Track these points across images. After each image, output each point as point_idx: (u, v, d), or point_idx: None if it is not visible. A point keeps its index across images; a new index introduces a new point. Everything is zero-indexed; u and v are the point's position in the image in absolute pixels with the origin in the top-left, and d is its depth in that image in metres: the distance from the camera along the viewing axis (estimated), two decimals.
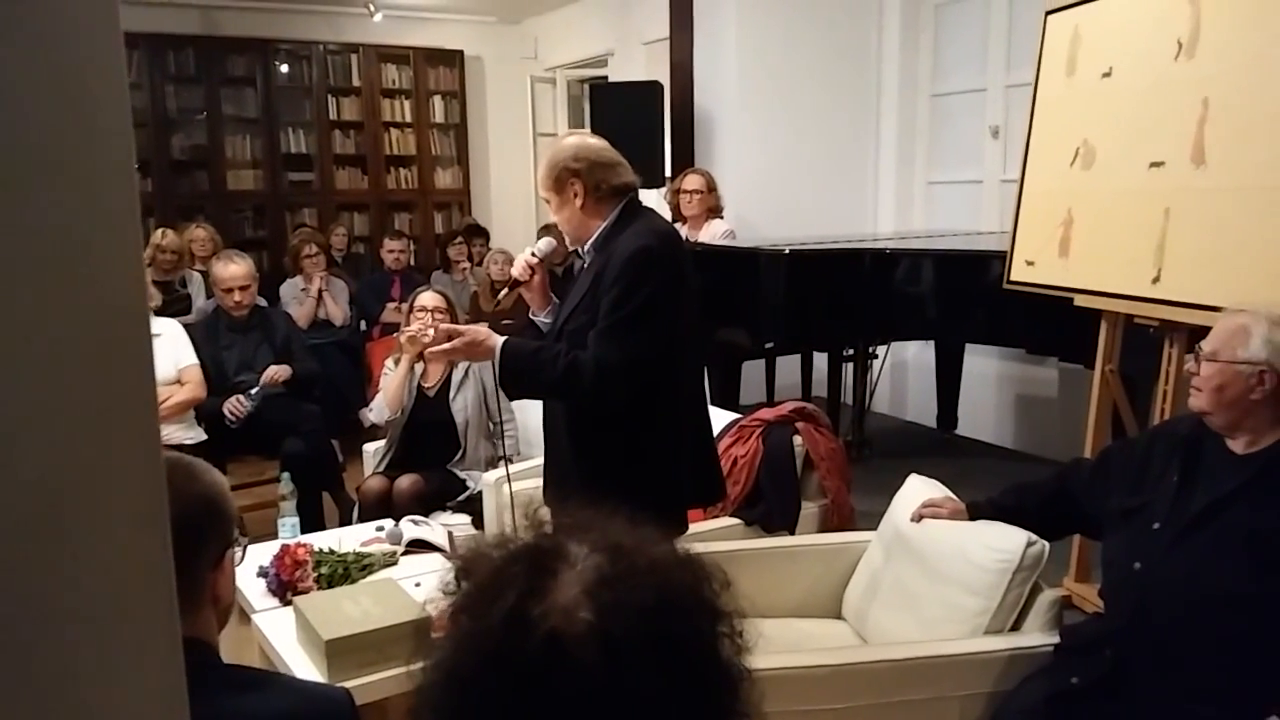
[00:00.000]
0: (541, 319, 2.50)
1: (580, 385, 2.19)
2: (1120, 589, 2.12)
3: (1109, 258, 2.95)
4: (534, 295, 2.48)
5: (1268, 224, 2.40)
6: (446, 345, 2.27)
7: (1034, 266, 3.28)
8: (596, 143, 2.34)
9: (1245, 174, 2.48)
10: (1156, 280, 2.75)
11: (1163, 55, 2.74)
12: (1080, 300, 3.06)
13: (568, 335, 2.31)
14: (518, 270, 2.44)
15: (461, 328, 2.34)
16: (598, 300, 2.23)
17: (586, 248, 2.35)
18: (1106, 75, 2.99)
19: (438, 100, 8.73)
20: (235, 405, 4.00)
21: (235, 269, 4.16)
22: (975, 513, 2.41)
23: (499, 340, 2.25)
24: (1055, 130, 3.21)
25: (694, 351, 2.45)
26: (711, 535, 3.00)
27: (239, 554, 1.35)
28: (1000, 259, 3.50)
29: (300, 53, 8.14)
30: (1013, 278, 3.39)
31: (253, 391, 4.03)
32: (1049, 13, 3.28)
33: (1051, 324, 3.37)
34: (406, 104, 8.59)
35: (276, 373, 4.08)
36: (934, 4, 5.67)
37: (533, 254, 2.44)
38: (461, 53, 8.75)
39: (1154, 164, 2.76)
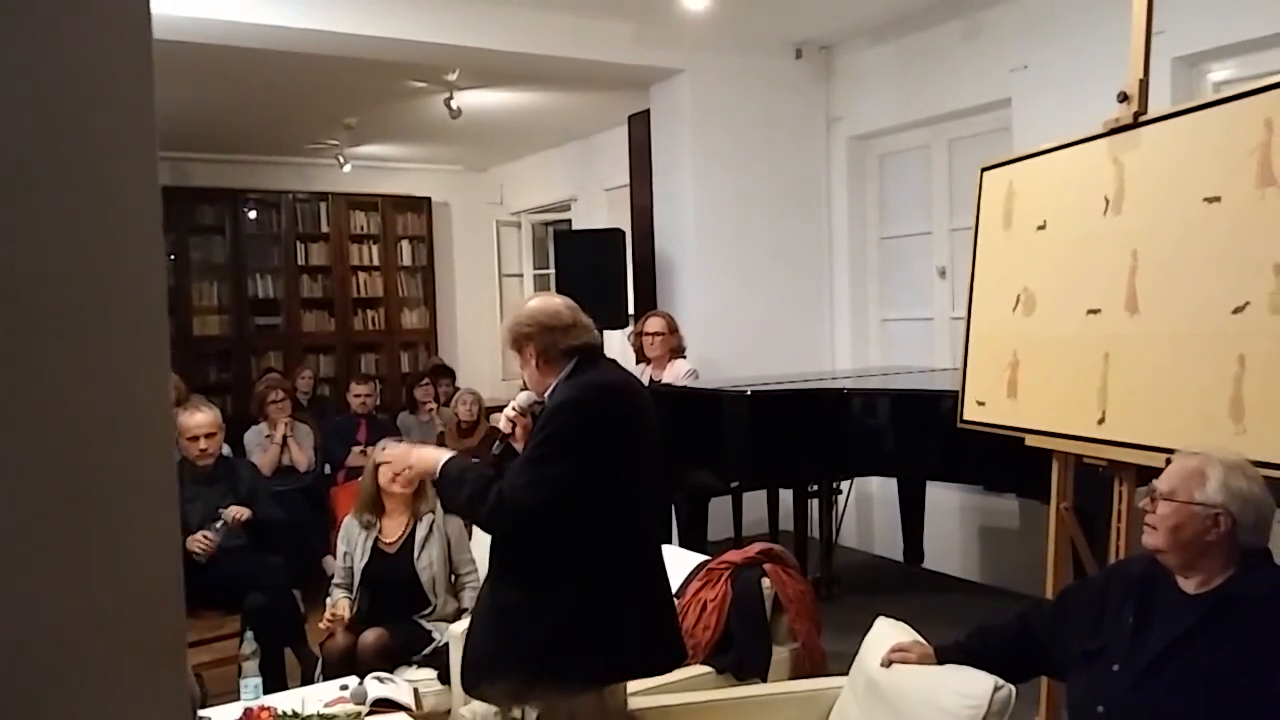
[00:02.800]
0: None
1: (483, 507, 2.32)
2: None
3: (1055, 399, 3.06)
4: (520, 444, 2.57)
5: (1200, 369, 2.53)
6: (410, 471, 2.52)
7: (985, 406, 3.39)
8: (552, 307, 2.47)
9: (1176, 321, 2.62)
10: (1102, 421, 2.86)
11: (1092, 210, 2.92)
12: (1030, 440, 3.16)
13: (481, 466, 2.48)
14: (502, 425, 2.57)
15: (414, 454, 2.54)
16: None
17: (545, 398, 2.47)
18: (1041, 228, 3.17)
19: (405, 244, 8.96)
20: (201, 540, 3.90)
21: (201, 417, 4.15)
22: (943, 656, 2.42)
23: (445, 457, 2.45)
24: (996, 278, 3.38)
25: (645, 500, 2.48)
26: (683, 684, 2.96)
27: None
28: (953, 397, 3.61)
29: (270, 201, 8.36)
30: (966, 417, 3.49)
31: (217, 525, 3.96)
32: (984, 169, 3.49)
33: (1007, 461, 3.46)
34: (374, 248, 8.80)
35: (238, 513, 4.02)
36: (878, 154, 5.99)
37: (514, 407, 2.56)
38: (429, 199, 9.03)
39: (1091, 311, 2.91)
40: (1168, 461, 2.20)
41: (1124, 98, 2.78)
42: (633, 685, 2.60)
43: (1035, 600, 2.80)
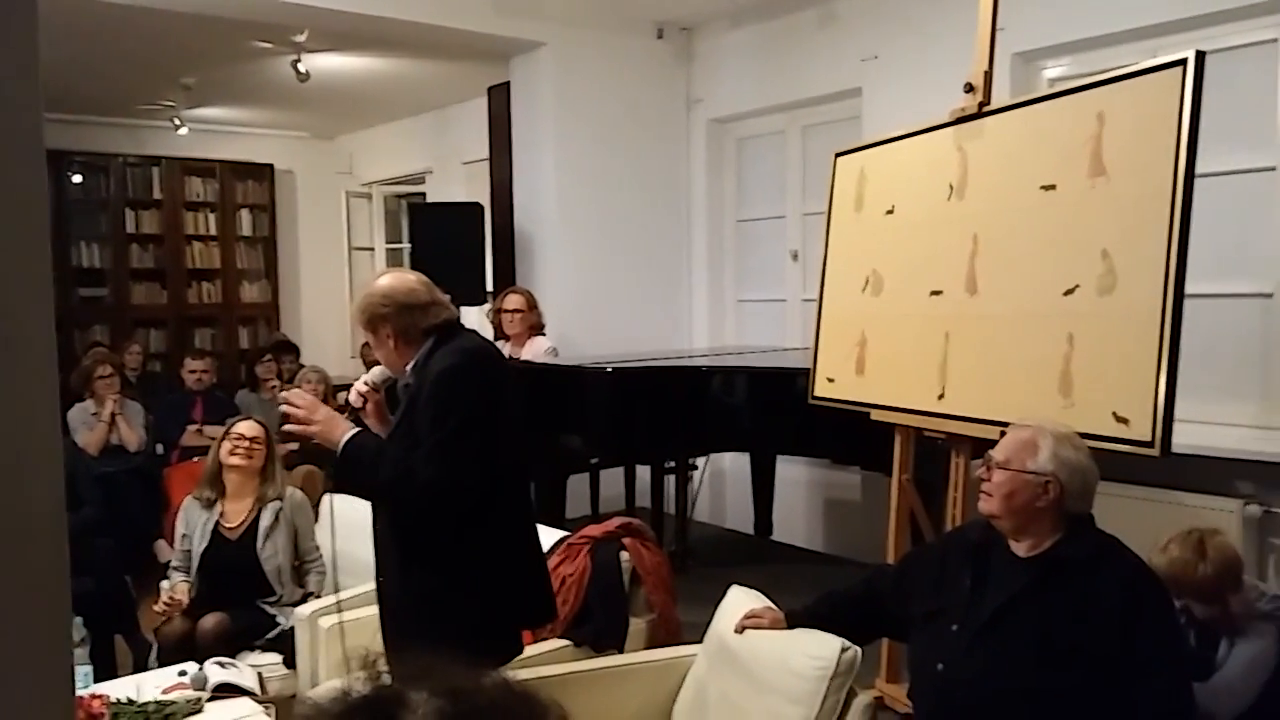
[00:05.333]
0: None
1: (408, 494, 2.22)
2: (926, 689, 2.26)
3: (899, 376, 3.21)
4: (371, 421, 2.49)
5: (1034, 347, 2.70)
6: (311, 427, 2.28)
7: (834, 383, 3.53)
8: (407, 284, 2.39)
9: (1012, 302, 2.79)
10: (942, 397, 3.02)
11: (937, 196, 3.07)
12: (876, 415, 3.30)
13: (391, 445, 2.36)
14: (352, 398, 2.47)
15: (320, 411, 2.33)
16: (415, 424, 2.28)
17: (406, 373, 2.40)
18: (890, 212, 3.31)
19: (245, 213, 8.55)
20: None
21: None
22: (793, 621, 2.50)
23: (352, 429, 2.28)
24: (847, 259, 3.51)
25: (518, 469, 2.49)
26: (541, 659, 2.96)
27: None
28: (805, 375, 3.73)
29: (97, 164, 7.80)
30: (816, 393, 3.62)
31: None
32: (838, 155, 3.62)
33: (854, 436, 3.60)
34: (212, 217, 8.35)
35: None
36: (736, 138, 6.10)
37: (365, 382, 2.47)
38: (272, 166, 8.63)
39: (934, 292, 3.06)
40: (1002, 433, 2.33)
41: (969, 89, 2.93)
42: None
43: (879, 566, 2.93)
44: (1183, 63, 2.29)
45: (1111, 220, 2.46)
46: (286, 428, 2.35)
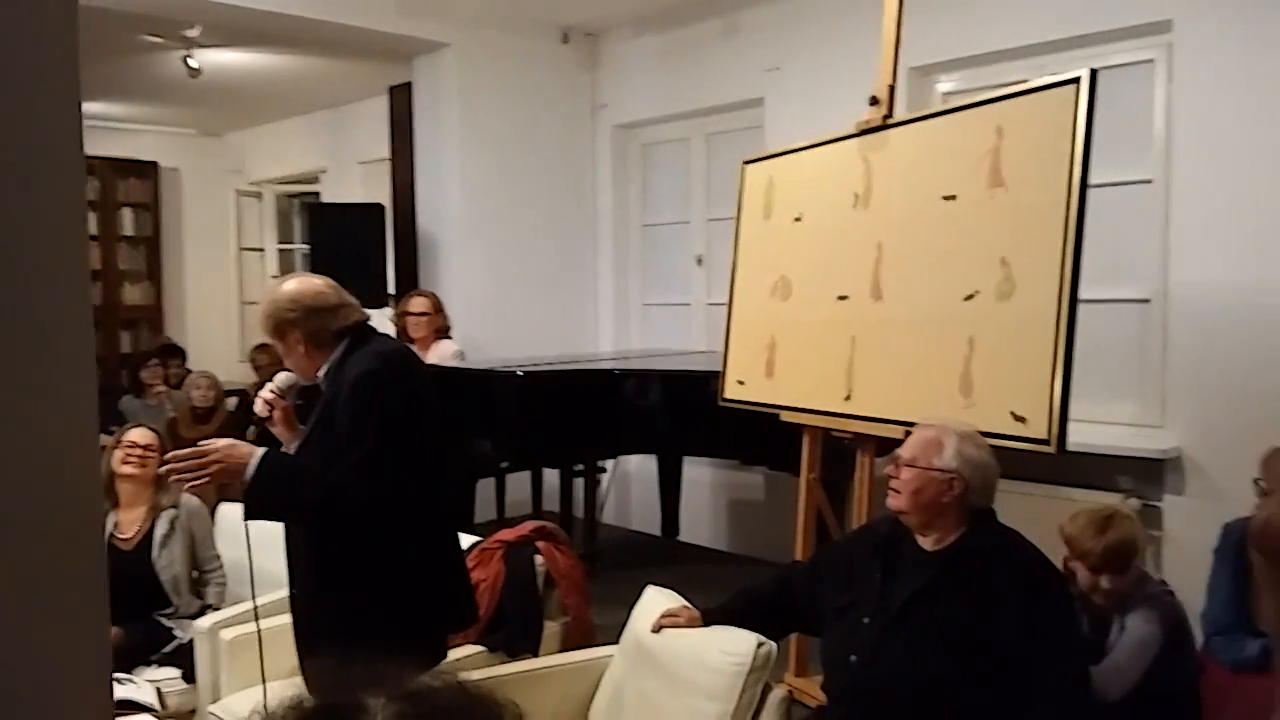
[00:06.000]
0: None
1: (342, 511, 2.16)
2: (839, 681, 2.33)
3: (807, 378, 3.30)
4: (280, 430, 2.42)
5: (936, 350, 2.81)
6: (206, 474, 2.13)
7: (744, 385, 3.60)
8: (314, 288, 2.33)
9: (915, 307, 2.91)
10: (848, 398, 3.12)
11: (843, 204, 3.17)
12: (785, 416, 3.39)
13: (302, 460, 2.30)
14: (258, 407, 2.38)
15: (208, 444, 2.17)
16: (331, 431, 2.23)
17: (320, 378, 2.34)
18: (798, 219, 3.40)
19: (127, 212, 8.21)
20: None
21: None
22: (709, 619, 2.54)
23: (257, 454, 2.14)
24: (757, 265, 3.59)
25: (439, 472, 2.44)
26: (456, 665, 2.94)
27: None
28: (715, 378, 3.80)
29: None
30: (726, 395, 3.69)
31: None
32: (746, 162, 3.70)
33: (762, 437, 3.69)
34: (91, 216, 7.98)
35: None
36: (641, 144, 6.16)
37: (271, 390, 2.39)
38: (156, 164, 8.31)
39: (840, 297, 3.16)
40: (907, 433, 2.43)
41: (874, 101, 3.04)
42: None
43: (792, 562, 3.01)
44: (1077, 80, 2.43)
45: (1009, 229, 2.59)
46: (174, 479, 2.20)
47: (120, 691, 2.82)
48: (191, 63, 5.51)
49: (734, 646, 2.39)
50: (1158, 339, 3.86)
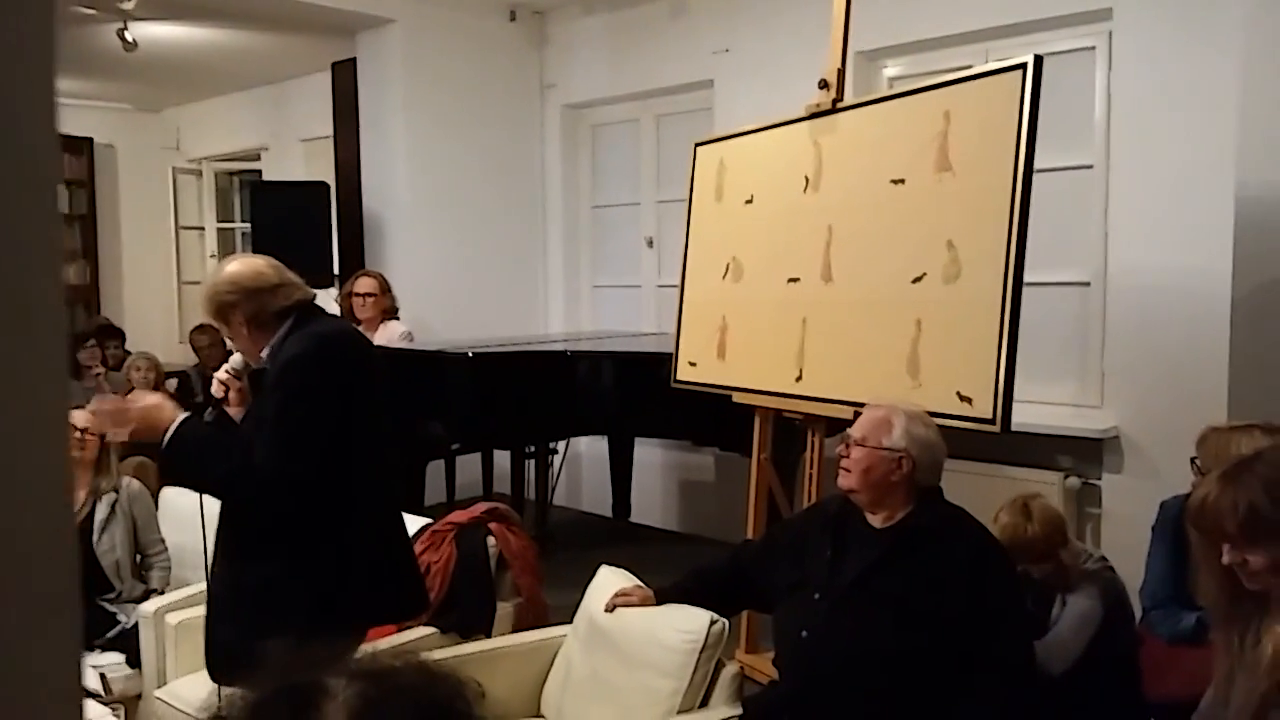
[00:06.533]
0: None
1: (244, 488, 2.15)
2: (791, 656, 2.37)
3: (759, 360, 3.34)
4: (235, 410, 2.39)
5: (885, 332, 2.86)
6: (125, 428, 2.17)
7: (696, 367, 3.62)
8: (254, 268, 2.30)
9: (864, 290, 2.95)
10: (799, 379, 3.15)
11: (793, 188, 3.20)
12: (737, 397, 3.42)
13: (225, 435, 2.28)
14: (214, 389, 2.35)
15: (129, 402, 2.20)
16: (263, 409, 2.22)
17: (263, 359, 2.32)
18: (749, 202, 3.42)
19: (61, 189, 7.93)
20: None
21: None
22: (662, 598, 2.57)
23: (179, 418, 2.16)
24: (708, 247, 3.61)
25: (379, 456, 2.41)
26: (408, 647, 2.93)
27: None
28: (666, 359, 3.82)
29: None
30: (679, 377, 3.71)
31: None
32: (698, 144, 3.71)
33: (713, 418, 3.72)
34: None
35: None
36: (591, 124, 6.13)
37: (227, 369, 2.36)
38: (91, 140, 8.07)
39: (791, 279, 3.19)
40: (856, 413, 2.47)
41: (824, 85, 3.06)
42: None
43: (744, 541, 3.05)
44: (1023, 66, 2.47)
45: (956, 213, 2.63)
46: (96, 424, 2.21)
47: None
48: (127, 36, 5.35)
49: (687, 624, 2.43)
50: (1097, 321, 3.96)
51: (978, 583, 2.17)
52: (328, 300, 5.34)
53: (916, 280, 2.74)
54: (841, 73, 3.06)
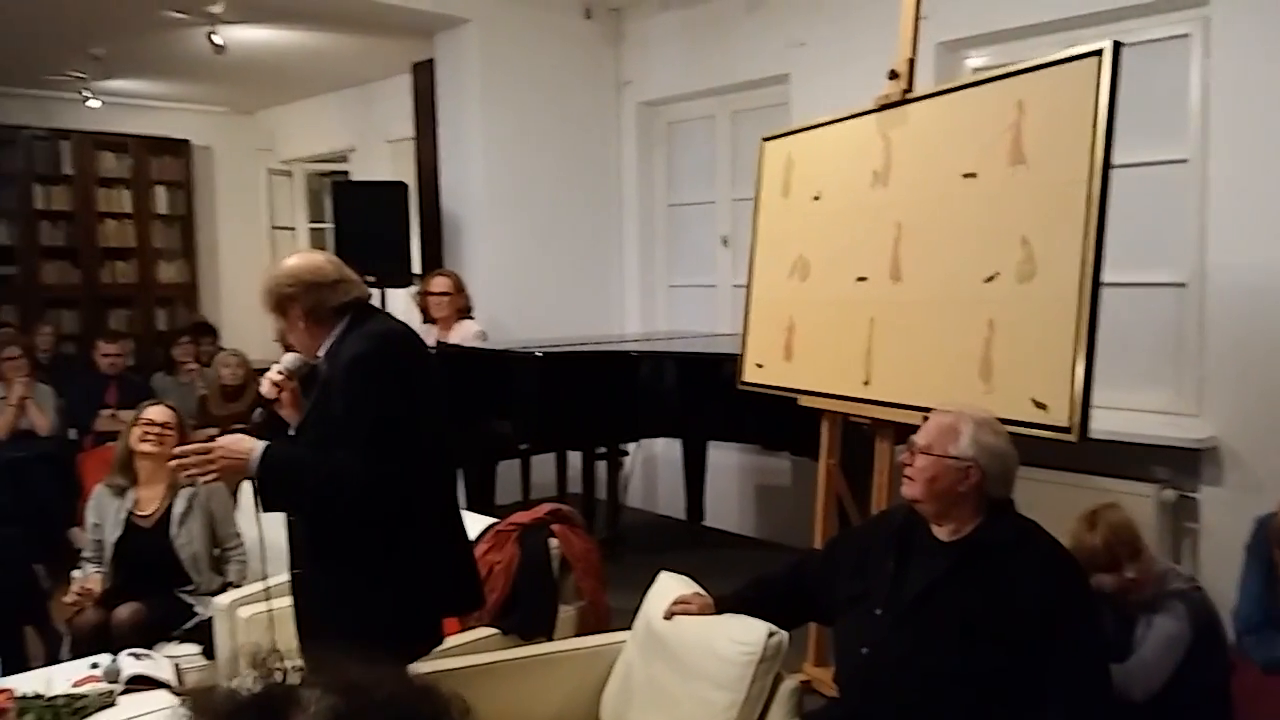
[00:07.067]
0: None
1: (343, 499, 2.15)
2: (851, 673, 2.28)
3: (826, 362, 3.24)
4: (287, 411, 2.41)
5: (955, 333, 2.74)
6: (210, 471, 2.16)
7: (763, 369, 3.54)
8: (313, 263, 2.32)
9: (935, 289, 2.83)
10: (867, 383, 3.05)
11: (862, 183, 3.09)
12: (803, 400, 3.33)
13: (304, 446, 2.29)
14: (265, 389, 2.38)
15: (211, 445, 2.20)
16: (329, 411, 2.21)
17: (320, 357, 2.33)
18: (816, 198, 3.33)
19: (161, 190, 8.25)
20: None
21: None
22: (722, 606, 2.50)
23: (259, 449, 2.15)
24: (775, 245, 3.52)
25: (441, 454, 2.43)
26: (468, 647, 2.93)
27: None
28: (733, 360, 3.74)
29: (2, 137, 7.45)
30: (745, 379, 3.63)
31: None
32: (765, 139, 3.62)
33: (783, 421, 3.63)
34: (126, 194, 8.05)
35: None
36: (667, 122, 6.07)
37: (279, 371, 2.38)
38: (189, 142, 8.35)
39: (859, 278, 3.09)
40: (925, 419, 2.36)
41: (894, 75, 2.95)
42: None
43: (808, 551, 2.96)
44: (1099, 53, 2.33)
45: (1030, 208, 2.50)
46: (183, 475, 2.24)
47: (137, 667, 2.84)
48: (215, 39, 5.50)
49: (744, 635, 2.36)
50: (1194, 324, 3.73)
51: (1049, 602, 2.05)
52: (406, 299, 5.42)
53: (989, 279, 2.61)
54: (912, 62, 2.94)
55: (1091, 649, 2.10)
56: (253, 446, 2.15)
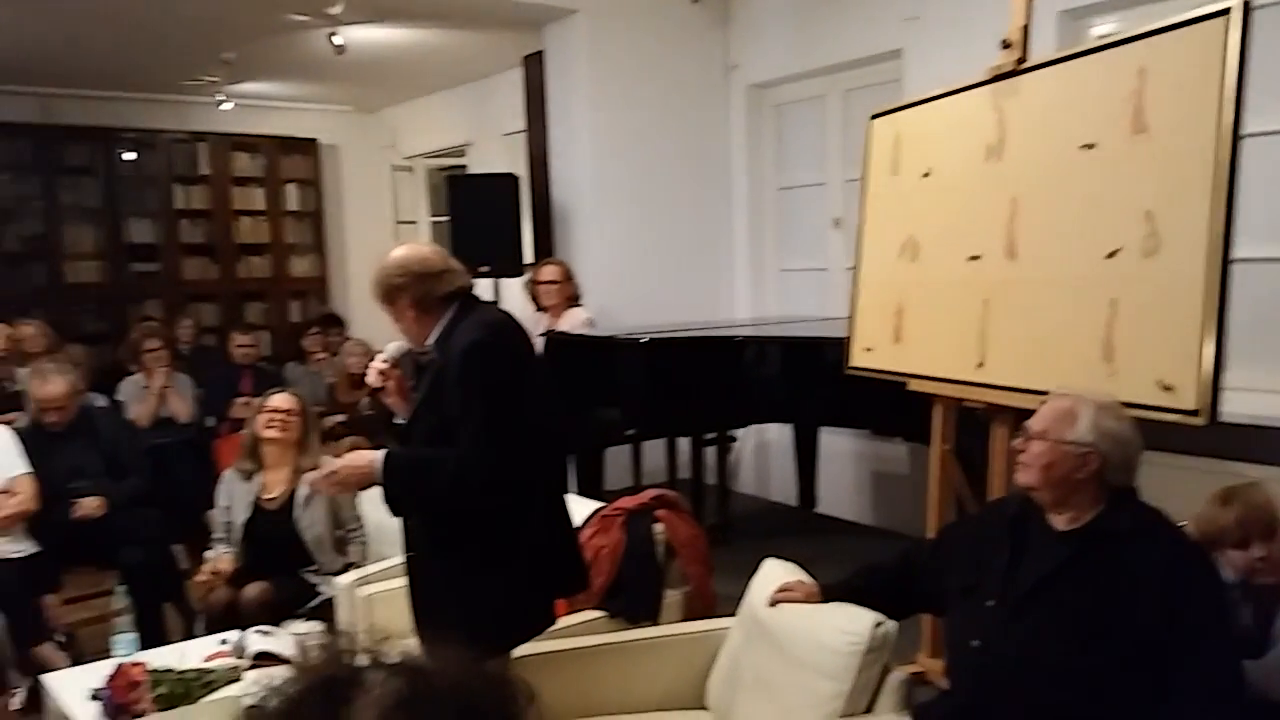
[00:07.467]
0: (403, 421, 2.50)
1: (470, 493, 2.21)
2: (961, 666, 2.21)
3: (937, 344, 3.13)
4: (393, 399, 2.48)
5: (1075, 313, 2.61)
6: (335, 484, 2.31)
7: (872, 352, 3.45)
8: (420, 254, 2.38)
9: (1053, 267, 2.69)
10: (981, 365, 2.93)
11: (974, 158, 2.97)
12: (913, 385, 3.23)
13: (417, 436, 2.34)
14: (371, 379, 2.45)
15: (336, 462, 2.33)
16: (441, 400, 2.26)
17: (429, 345, 2.38)
18: (926, 175, 3.21)
19: (292, 188, 8.61)
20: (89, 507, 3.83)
21: (51, 389, 3.90)
22: (828, 595, 2.46)
23: (379, 458, 2.24)
24: (884, 225, 3.42)
25: (548, 438, 2.47)
26: (574, 630, 2.96)
27: (15, 700, 1.25)
28: (842, 344, 3.66)
29: (145, 141, 7.92)
30: (853, 363, 3.55)
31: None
32: (873, 117, 3.52)
33: (894, 406, 3.53)
34: (259, 192, 8.43)
35: (89, 508, 3.85)
36: (775, 104, 5.98)
37: (383, 360, 2.44)
38: (316, 141, 8.68)
39: (972, 257, 2.97)
40: (1043, 403, 2.26)
41: (1006, 45, 2.82)
42: None
43: (917, 540, 2.87)
44: (1226, 12, 2.16)
45: (1154, 179, 2.35)
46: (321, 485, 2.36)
47: (263, 644, 2.97)
48: (336, 40, 5.69)
49: (851, 625, 2.31)
50: None
51: (1174, 594, 1.93)
52: (518, 288, 5.51)
53: (1111, 255, 2.47)
54: (1026, 30, 2.80)
55: (1222, 645, 1.97)
56: (373, 458, 2.25)
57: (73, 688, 2.74)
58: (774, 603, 2.51)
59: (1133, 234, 2.41)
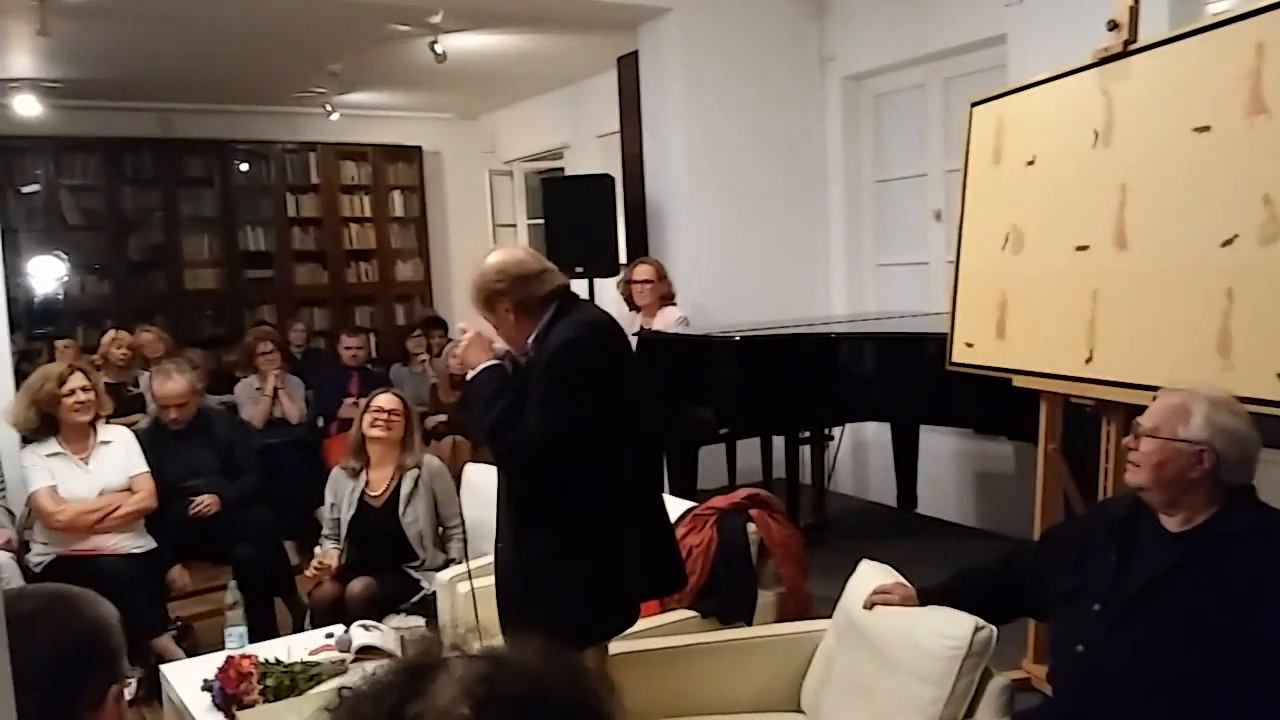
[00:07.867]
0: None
1: (506, 435, 2.29)
2: (1065, 672, 2.13)
3: (1043, 339, 3.02)
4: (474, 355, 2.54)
5: (1189, 304, 2.48)
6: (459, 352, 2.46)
7: (973, 348, 3.35)
8: (516, 257, 2.42)
9: (1165, 256, 2.57)
10: (1089, 360, 2.81)
11: (1081, 144, 2.85)
12: (1018, 381, 3.12)
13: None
14: (454, 365, 2.53)
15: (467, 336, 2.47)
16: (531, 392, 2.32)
17: (528, 346, 2.41)
18: (1030, 163, 3.10)
19: (397, 195, 8.86)
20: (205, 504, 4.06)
21: (173, 387, 4.13)
22: (925, 598, 2.40)
23: (487, 362, 2.39)
24: (986, 216, 3.31)
25: (643, 439, 2.48)
26: (667, 629, 2.97)
27: (129, 688, 1.30)
28: (941, 340, 3.56)
29: (258, 152, 8.25)
30: (954, 359, 3.45)
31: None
32: (974, 104, 3.41)
33: (997, 403, 3.42)
34: (366, 199, 8.70)
35: (205, 505, 4.03)
36: (873, 95, 5.86)
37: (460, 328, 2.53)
38: (420, 148, 8.90)
39: (1079, 247, 2.85)
40: (1154, 399, 2.16)
41: (1114, 25, 2.70)
42: None
43: (1020, 542, 2.78)
44: None
45: (1273, 162, 2.22)
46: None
47: (366, 638, 3.06)
48: (437, 48, 5.82)
49: (950, 629, 2.25)
50: None
51: None
52: (614, 288, 5.54)
53: (1227, 243, 2.34)
54: (1134, 10, 2.67)
55: None
56: (480, 360, 2.41)
57: (186, 678, 2.87)
58: (870, 605, 2.46)
59: (1250, 220, 2.27)
